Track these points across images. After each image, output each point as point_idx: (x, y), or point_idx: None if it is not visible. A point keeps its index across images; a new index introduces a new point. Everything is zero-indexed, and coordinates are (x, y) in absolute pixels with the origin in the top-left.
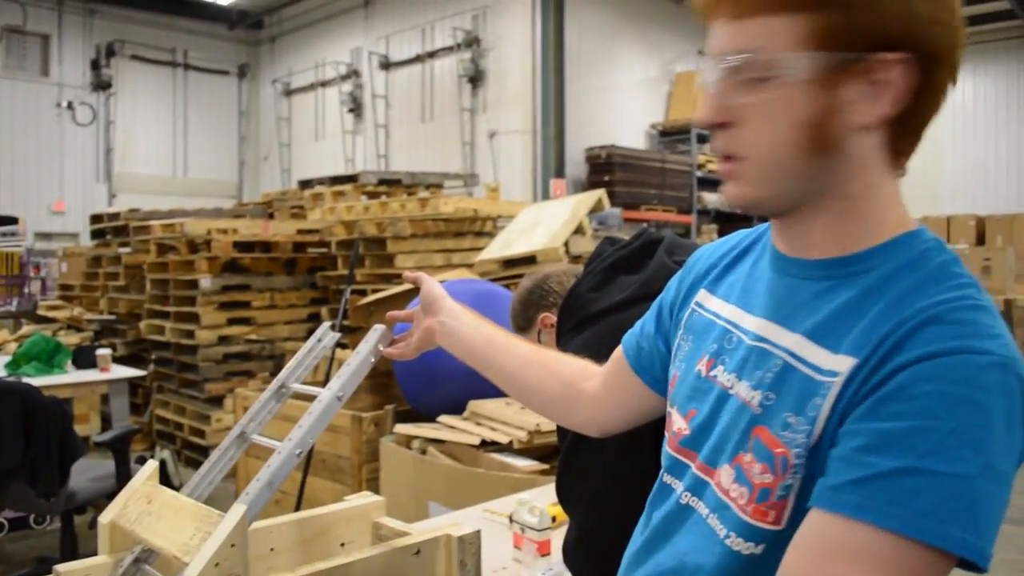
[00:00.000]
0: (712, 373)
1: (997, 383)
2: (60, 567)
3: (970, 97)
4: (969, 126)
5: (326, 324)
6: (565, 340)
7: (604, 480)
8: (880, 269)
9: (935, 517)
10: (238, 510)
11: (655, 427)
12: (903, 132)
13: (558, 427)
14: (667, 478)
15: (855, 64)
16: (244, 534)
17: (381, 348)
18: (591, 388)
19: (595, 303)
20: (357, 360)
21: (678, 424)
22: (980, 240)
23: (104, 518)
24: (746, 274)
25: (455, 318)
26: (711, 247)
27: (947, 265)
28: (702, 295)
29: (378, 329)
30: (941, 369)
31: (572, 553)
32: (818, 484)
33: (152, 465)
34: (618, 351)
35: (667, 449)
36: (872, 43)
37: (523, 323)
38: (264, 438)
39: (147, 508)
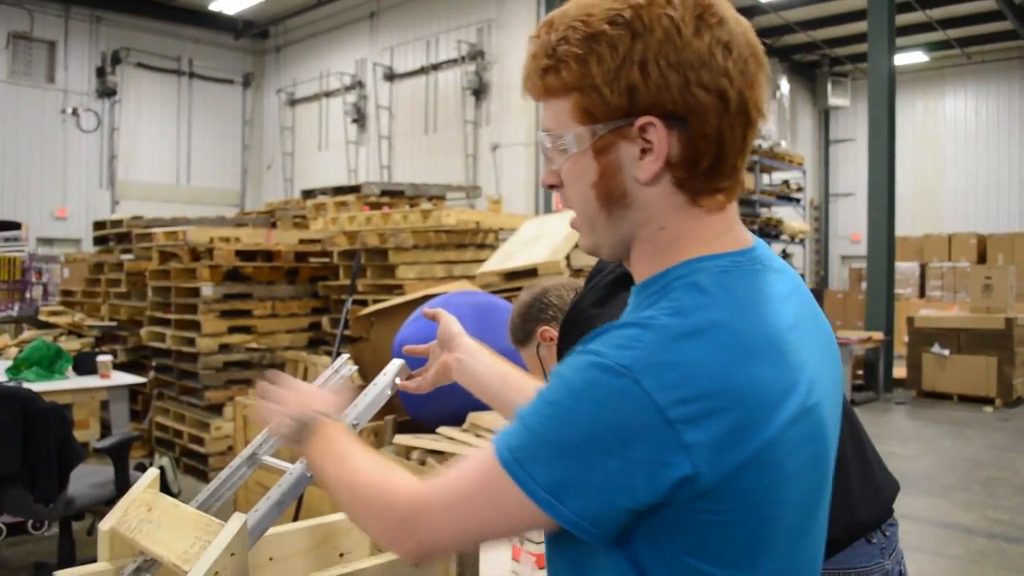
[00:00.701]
0: None
1: (592, 379)
2: (60, 573)
3: (972, 116)
4: (971, 145)
5: (344, 356)
6: (567, 355)
7: None
8: (645, 294)
9: (504, 444)
10: (238, 520)
11: None
12: (691, 176)
13: None
14: None
15: (622, 130)
16: (244, 544)
17: (398, 381)
18: None
19: (597, 319)
20: (374, 392)
21: None
22: (981, 258)
23: (104, 525)
24: None
25: (472, 355)
26: None
27: (669, 289)
28: None
29: (396, 363)
30: (569, 361)
31: None
32: None
33: (153, 473)
34: None
35: None
36: (626, 112)
37: (522, 336)
38: (275, 460)
39: (147, 516)
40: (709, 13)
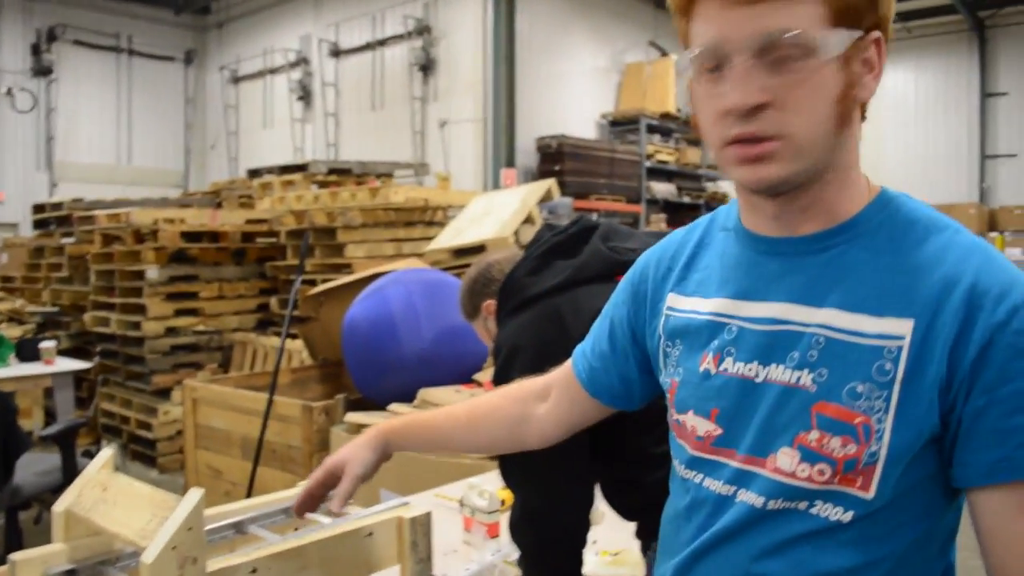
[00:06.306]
0: (722, 367)
1: None
2: (15, 555)
3: (911, 89)
4: (910, 118)
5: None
6: (503, 323)
7: (544, 457)
8: (878, 229)
9: None
10: (195, 494)
11: None
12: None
13: None
14: (707, 482)
15: (860, 42)
16: (201, 518)
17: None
18: (541, 410)
19: (531, 287)
20: None
21: (704, 428)
22: None
23: (59, 506)
24: (716, 266)
25: (400, 442)
26: (655, 253)
27: (929, 213)
28: (671, 299)
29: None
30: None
31: (517, 529)
32: (973, 463)
33: (107, 453)
34: (567, 371)
35: (695, 454)
36: (870, 23)
37: (470, 310)
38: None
39: (102, 496)
40: None
